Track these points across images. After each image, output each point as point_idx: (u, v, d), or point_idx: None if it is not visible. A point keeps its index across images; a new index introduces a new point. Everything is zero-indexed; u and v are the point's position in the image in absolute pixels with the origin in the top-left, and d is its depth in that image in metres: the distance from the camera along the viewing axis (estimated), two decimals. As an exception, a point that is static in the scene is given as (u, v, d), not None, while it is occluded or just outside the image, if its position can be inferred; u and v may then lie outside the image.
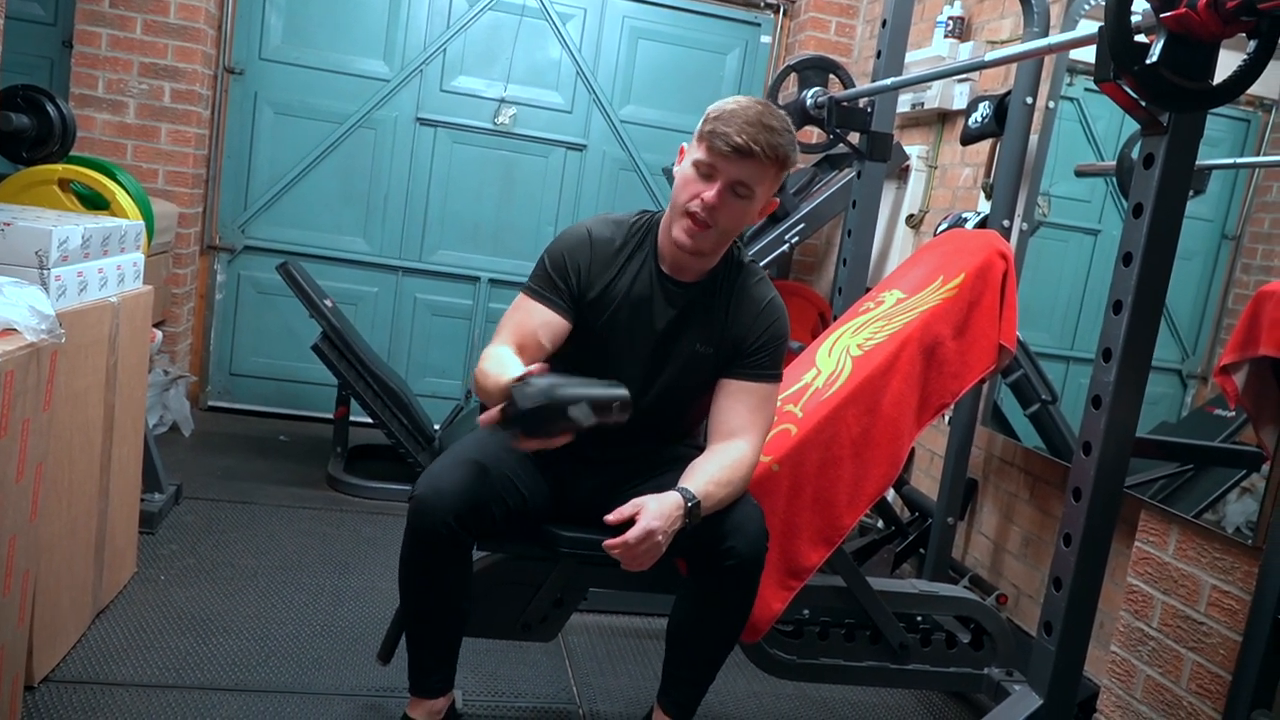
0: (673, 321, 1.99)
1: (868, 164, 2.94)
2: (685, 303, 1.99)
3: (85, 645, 2.40)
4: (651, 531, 1.73)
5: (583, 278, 1.97)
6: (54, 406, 2.01)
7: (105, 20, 4.12)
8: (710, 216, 1.86)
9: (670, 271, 1.99)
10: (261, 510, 3.51)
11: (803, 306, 4.48)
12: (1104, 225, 3.05)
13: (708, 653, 2.01)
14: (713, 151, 1.85)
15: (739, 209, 1.89)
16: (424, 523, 1.83)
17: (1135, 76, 1.53)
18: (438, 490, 1.84)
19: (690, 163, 1.89)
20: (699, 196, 1.85)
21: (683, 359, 2.00)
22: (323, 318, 3.67)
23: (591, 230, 2.01)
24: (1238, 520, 2.12)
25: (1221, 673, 2.03)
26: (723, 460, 1.88)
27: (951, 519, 3.07)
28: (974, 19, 3.79)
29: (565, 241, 2.01)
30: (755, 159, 1.83)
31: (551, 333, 1.95)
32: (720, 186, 1.85)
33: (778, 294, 2.06)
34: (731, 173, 1.85)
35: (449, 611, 1.97)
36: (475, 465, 1.90)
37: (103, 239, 2.37)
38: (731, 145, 1.82)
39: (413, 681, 2.04)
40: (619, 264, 1.99)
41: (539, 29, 4.76)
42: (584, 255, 1.98)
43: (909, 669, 2.36)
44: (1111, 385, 1.77)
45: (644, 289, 1.99)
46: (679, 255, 1.95)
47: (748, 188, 1.87)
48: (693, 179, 1.88)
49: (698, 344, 1.99)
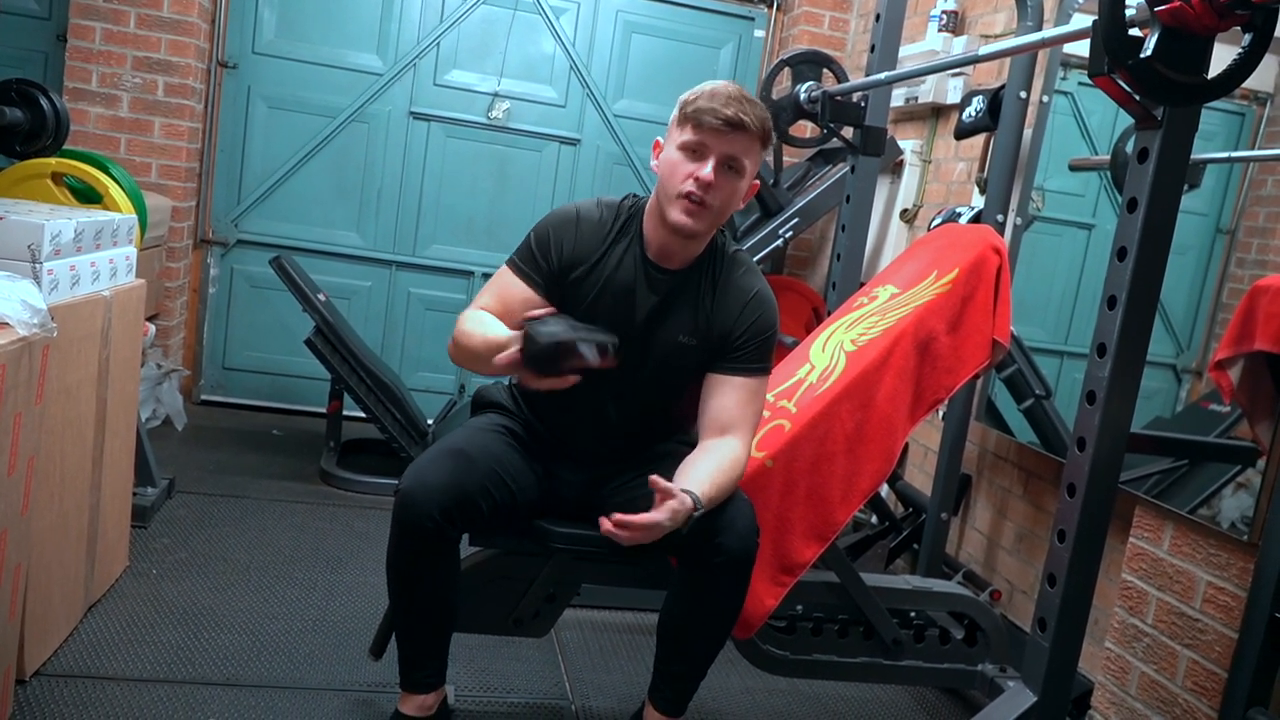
0: (655, 309, 1.97)
1: (861, 159, 2.94)
2: (668, 290, 1.98)
3: (77, 639, 2.39)
4: (659, 524, 1.71)
5: (565, 257, 1.96)
6: (46, 400, 2.01)
7: (99, 14, 4.11)
8: (707, 194, 1.85)
9: (655, 258, 1.97)
10: (254, 505, 3.50)
11: (797, 301, 4.48)
12: (1098, 220, 3.04)
13: (699, 648, 2.00)
14: (701, 129, 1.84)
15: (731, 186, 1.88)
16: (409, 516, 1.83)
17: (1129, 70, 1.53)
18: (423, 483, 1.83)
19: (676, 146, 1.88)
20: (693, 176, 1.84)
21: (665, 349, 1.98)
22: (316, 312, 3.66)
23: (580, 210, 2.00)
24: (1233, 516, 2.12)
25: (1217, 670, 2.03)
26: (718, 459, 1.87)
27: (945, 514, 3.07)
28: (968, 13, 3.78)
29: (553, 219, 2.00)
30: (746, 131, 1.84)
31: (527, 308, 1.93)
32: (715, 163, 1.84)
33: (766, 285, 2.03)
34: (722, 148, 1.84)
35: (437, 606, 1.96)
36: (462, 458, 1.89)
37: (95, 233, 2.36)
38: (722, 118, 1.82)
39: (403, 677, 2.04)
40: (604, 247, 1.98)
41: (532, 23, 4.75)
42: (569, 235, 1.97)
43: (902, 665, 2.36)
44: (1106, 380, 1.77)
45: (628, 274, 1.97)
46: (668, 240, 1.94)
47: (739, 162, 1.87)
48: (682, 161, 1.86)
49: (680, 335, 1.97)
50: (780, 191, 4.02)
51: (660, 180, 1.92)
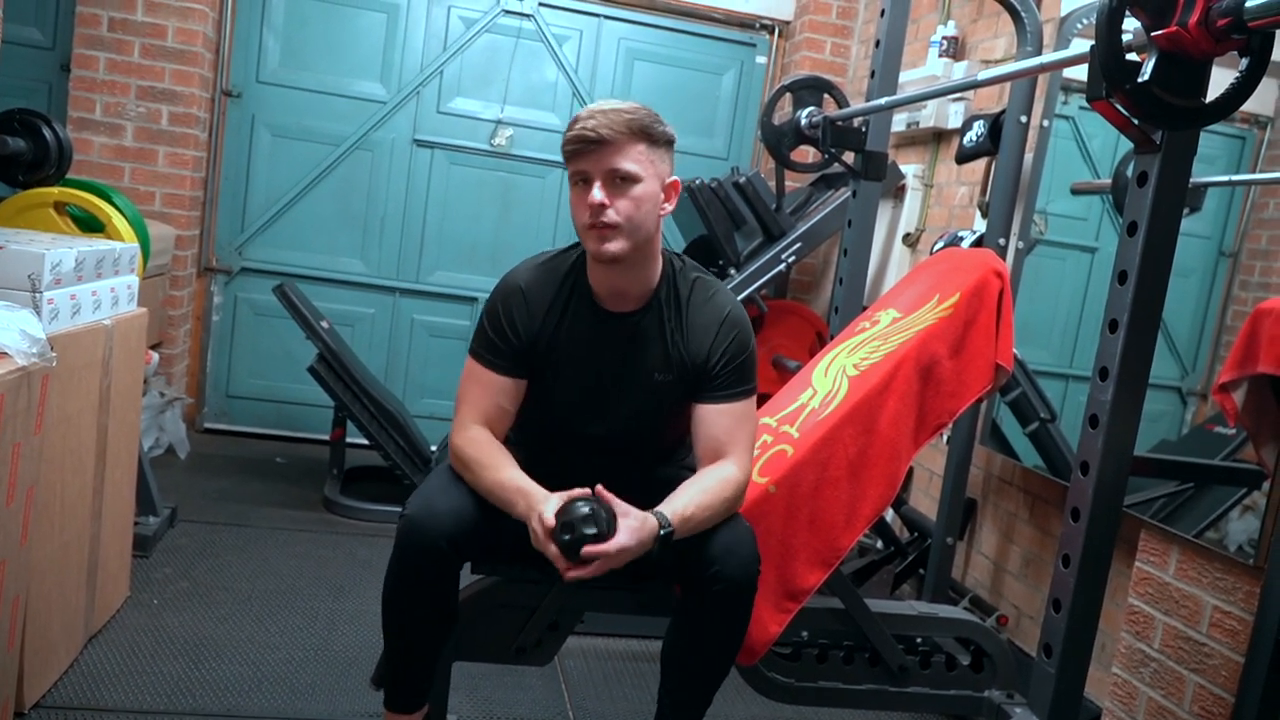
0: (621, 357, 1.94)
1: (863, 183, 2.94)
2: (632, 334, 1.94)
3: (77, 670, 2.38)
4: (624, 548, 1.69)
5: (522, 332, 1.93)
6: (45, 429, 2.00)
7: (103, 44, 4.14)
8: (605, 215, 1.80)
9: (609, 305, 1.93)
10: (257, 533, 3.49)
11: (799, 325, 4.47)
12: (1101, 243, 3.04)
13: (701, 678, 1.98)
14: (575, 159, 1.83)
15: (628, 198, 1.82)
16: (414, 542, 1.80)
17: (1127, 94, 1.52)
18: (431, 511, 1.81)
19: (570, 185, 1.87)
20: (588, 205, 1.81)
21: (642, 390, 1.95)
22: (319, 339, 3.67)
23: (522, 282, 1.96)
24: (1239, 540, 2.10)
25: (1224, 694, 2.01)
26: (704, 481, 1.85)
27: (951, 539, 3.05)
28: (968, 39, 3.80)
29: (499, 296, 1.96)
30: (607, 141, 1.80)
31: (511, 397, 1.94)
32: (599, 183, 1.81)
33: (734, 302, 1.98)
34: (599, 166, 1.81)
35: (431, 631, 1.93)
36: (464, 488, 1.88)
37: (96, 261, 2.37)
38: (582, 140, 1.80)
39: (388, 696, 2.01)
40: (556, 311, 1.94)
41: (535, 50, 4.78)
42: (520, 311, 1.93)
43: (908, 692, 2.34)
44: (1108, 404, 1.76)
45: (585, 330, 1.93)
46: (609, 279, 1.91)
47: (623, 170, 1.81)
48: (576, 197, 1.85)
49: (655, 373, 1.93)
50: (783, 216, 4.03)
51: (576, 230, 1.89)
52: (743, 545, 1.84)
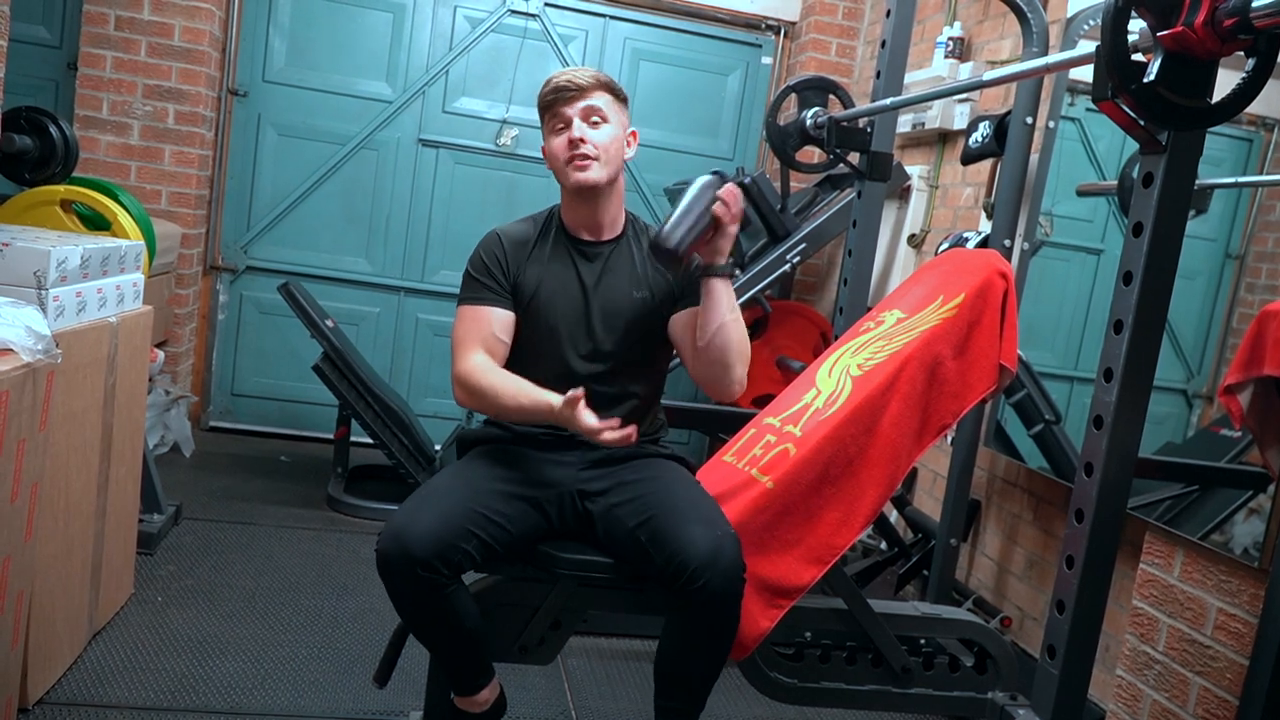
0: (600, 277, 2.12)
1: (868, 184, 2.94)
2: (605, 258, 2.14)
3: (81, 667, 2.38)
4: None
5: (507, 269, 2.11)
6: (50, 427, 2.01)
7: (110, 43, 4.15)
8: (585, 146, 2.04)
9: (582, 234, 2.15)
10: (261, 531, 3.49)
11: (804, 326, 4.47)
12: (1107, 245, 3.03)
13: (693, 684, 1.98)
14: (552, 108, 2.08)
15: (604, 132, 2.07)
16: (391, 573, 1.80)
17: (1133, 95, 1.52)
18: (399, 540, 1.79)
19: (547, 135, 2.11)
20: (568, 141, 2.05)
21: (623, 305, 2.11)
22: (324, 338, 3.67)
23: (500, 230, 2.17)
24: (1245, 542, 2.09)
25: (1229, 697, 2.00)
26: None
27: (955, 540, 3.05)
28: (974, 40, 3.79)
29: (480, 247, 2.16)
30: (586, 89, 2.06)
31: (505, 328, 2.09)
32: (579, 120, 2.06)
33: None
34: (575, 110, 2.06)
35: (454, 627, 1.92)
36: (439, 507, 1.86)
37: (102, 259, 2.37)
38: (562, 88, 2.06)
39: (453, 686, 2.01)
40: (532, 248, 2.14)
41: (541, 50, 4.78)
42: (500, 250, 2.12)
43: (911, 693, 2.33)
44: (1113, 405, 1.76)
45: (562, 258, 2.13)
46: (583, 210, 2.12)
47: (598, 111, 2.07)
48: (555, 141, 2.09)
49: (633, 290, 2.12)
50: (787, 217, 4.03)
51: (555, 171, 2.12)
52: (725, 555, 1.83)
